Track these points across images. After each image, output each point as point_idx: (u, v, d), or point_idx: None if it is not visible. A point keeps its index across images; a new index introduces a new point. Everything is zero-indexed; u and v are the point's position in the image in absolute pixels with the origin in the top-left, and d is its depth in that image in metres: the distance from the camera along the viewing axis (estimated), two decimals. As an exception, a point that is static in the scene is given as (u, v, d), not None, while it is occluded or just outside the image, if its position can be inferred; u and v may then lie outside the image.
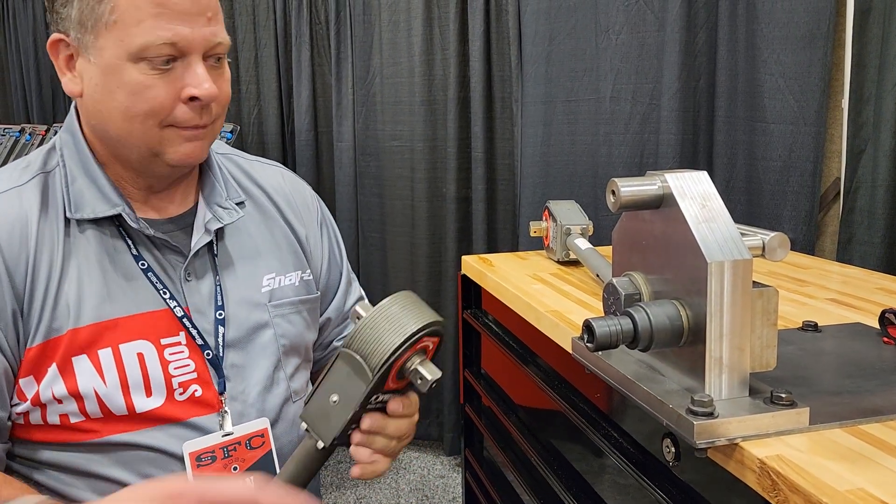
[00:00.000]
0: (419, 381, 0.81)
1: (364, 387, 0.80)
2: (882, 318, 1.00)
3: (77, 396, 0.91)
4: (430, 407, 2.78)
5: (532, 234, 1.56)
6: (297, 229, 1.12)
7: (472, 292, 1.58)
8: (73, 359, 0.91)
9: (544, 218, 1.54)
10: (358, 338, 0.80)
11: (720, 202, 0.78)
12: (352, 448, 0.86)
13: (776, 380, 0.80)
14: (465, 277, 1.58)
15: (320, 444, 0.84)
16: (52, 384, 0.91)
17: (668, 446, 0.82)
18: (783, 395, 0.73)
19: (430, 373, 0.81)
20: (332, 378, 0.83)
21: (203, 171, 1.05)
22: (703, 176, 0.80)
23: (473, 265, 1.54)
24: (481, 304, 1.55)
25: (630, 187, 0.80)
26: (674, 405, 0.74)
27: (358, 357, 0.80)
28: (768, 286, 0.76)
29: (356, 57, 2.78)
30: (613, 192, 0.81)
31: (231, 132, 2.85)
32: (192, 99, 0.90)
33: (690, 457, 0.76)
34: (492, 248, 2.57)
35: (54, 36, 0.93)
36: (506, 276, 1.41)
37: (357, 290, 1.25)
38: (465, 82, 2.53)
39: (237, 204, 1.05)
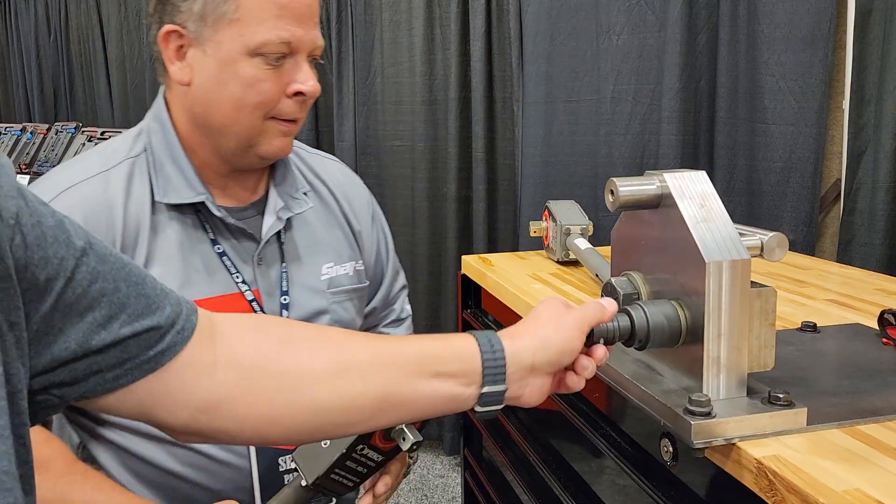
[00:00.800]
0: (402, 440, 0.91)
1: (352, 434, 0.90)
2: (881, 319, 1.00)
3: None
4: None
5: (532, 234, 1.56)
6: (352, 222, 1.19)
7: (471, 292, 1.58)
8: None
9: (544, 218, 1.54)
10: None
11: (719, 202, 0.78)
12: None
13: (774, 380, 0.79)
14: (464, 277, 1.58)
15: (304, 482, 0.93)
16: None
17: (665, 446, 0.82)
18: (781, 396, 0.73)
19: (412, 435, 0.91)
20: None
21: (275, 164, 1.11)
22: (702, 176, 0.80)
23: (473, 265, 1.54)
24: (481, 304, 1.55)
25: (629, 187, 0.80)
26: (671, 405, 0.74)
27: None
28: (766, 286, 0.76)
29: (357, 56, 2.78)
30: (612, 192, 0.81)
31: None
32: (297, 94, 0.99)
33: (688, 457, 0.76)
34: (492, 247, 2.57)
35: (168, 27, 0.98)
36: (505, 275, 1.41)
37: (402, 279, 1.34)
38: (466, 82, 2.53)
39: (304, 194, 1.12)
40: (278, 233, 1.07)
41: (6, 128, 3.95)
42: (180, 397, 0.62)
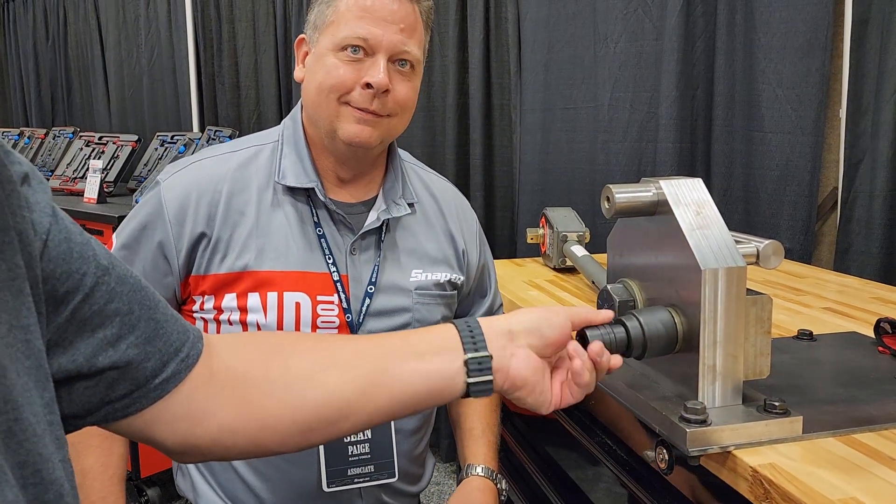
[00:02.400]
0: None
1: None
2: (877, 328, 1.00)
3: (244, 324, 1.10)
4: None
5: (529, 241, 1.56)
6: (457, 241, 1.27)
7: (468, 299, 1.57)
8: (249, 294, 1.10)
9: (541, 225, 1.54)
10: None
11: (714, 209, 0.78)
12: None
13: (770, 388, 0.79)
14: (461, 284, 1.57)
15: None
16: (230, 308, 1.10)
17: (661, 454, 0.81)
18: (776, 404, 0.73)
19: None
20: None
21: (388, 170, 1.23)
22: (698, 183, 0.80)
23: (470, 271, 1.53)
24: (477, 311, 1.54)
25: (625, 194, 0.80)
26: (667, 413, 0.74)
27: None
28: (762, 294, 0.75)
29: (356, 63, 2.79)
30: (608, 199, 0.81)
31: (230, 136, 2.85)
32: (368, 86, 1.08)
33: (683, 465, 0.76)
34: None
35: (302, 36, 1.17)
36: (502, 282, 1.41)
37: (500, 298, 1.39)
38: (464, 89, 2.53)
39: (409, 204, 1.21)
40: (380, 231, 1.17)
41: (4, 132, 3.95)
42: (179, 416, 0.65)
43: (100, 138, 3.41)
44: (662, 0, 2.00)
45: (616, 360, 0.77)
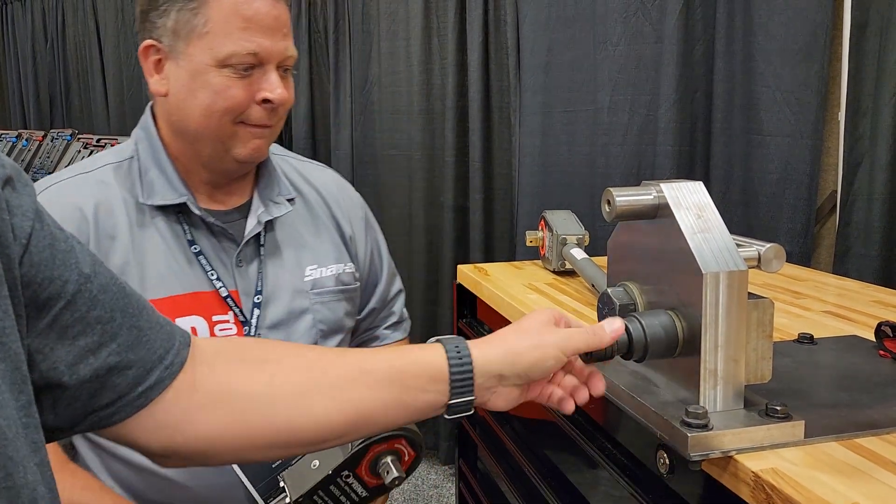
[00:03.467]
0: (386, 474, 0.97)
1: (342, 457, 0.95)
2: (878, 331, 1.00)
3: None
4: (425, 417, 2.77)
5: (528, 244, 1.56)
6: (343, 227, 1.23)
7: (467, 301, 1.57)
8: None
9: (540, 227, 1.54)
10: None
11: (716, 213, 0.78)
12: None
13: (771, 392, 0.79)
14: (460, 286, 1.57)
15: (287, 501, 0.97)
16: None
17: (661, 458, 0.81)
18: (778, 408, 0.73)
19: (396, 470, 0.97)
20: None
21: (259, 168, 1.16)
22: (699, 186, 0.80)
23: (469, 274, 1.53)
24: (476, 314, 1.54)
25: (625, 197, 0.80)
26: (668, 417, 0.74)
27: None
28: (764, 297, 0.75)
29: (355, 66, 2.79)
30: (609, 202, 0.80)
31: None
32: (265, 101, 1.03)
33: (684, 469, 0.76)
34: (489, 257, 2.57)
35: (146, 42, 1.05)
36: (501, 285, 1.40)
37: (399, 283, 1.39)
38: (463, 92, 2.53)
39: (288, 200, 1.16)
40: (258, 235, 1.11)
41: (2, 134, 3.94)
42: (161, 423, 0.65)
43: (98, 140, 3.41)
44: (662, 3, 2.00)
45: (599, 389, 0.78)
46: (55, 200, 1.03)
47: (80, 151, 3.40)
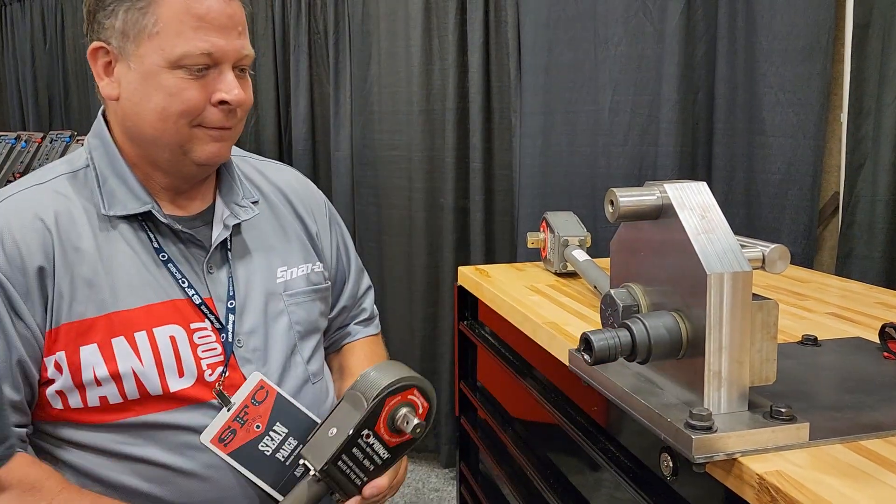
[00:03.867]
0: (406, 424, 0.98)
1: (359, 415, 0.97)
2: (882, 333, 0.99)
3: (116, 377, 0.98)
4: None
5: (530, 246, 1.55)
6: (308, 225, 1.21)
7: (468, 303, 1.56)
8: (113, 340, 0.98)
9: (542, 229, 1.54)
10: (360, 381, 1.00)
11: (720, 213, 0.77)
12: None
13: (775, 394, 0.78)
14: (461, 288, 1.57)
15: (313, 472, 0.97)
16: (93, 364, 0.97)
17: (665, 460, 0.80)
18: (783, 410, 0.72)
19: (417, 418, 0.99)
20: (333, 416, 1.01)
21: (220, 171, 1.14)
22: (703, 187, 0.79)
23: (470, 276, 1.53)
24: (478, 316, 1.54)
25: (629, 198, 0.79)
26: (672, 419, 0.73)
27: (358, 393, 0.99)
28: (768, 299, 0.75)
29: (354, 66, 2.78)
30: (612, 203, 0.80)
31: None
32: (222, 103, 0.99)
33: (688, 471, 0.75)
34: (490, 258, 2.56)
35: (95, 44, 1.01)
36: (502, 287, 1.40)
37: (367, 280, 1.37)
38: (463, 92, 2.53)
39: (252, 203, 1.14)
40: (225, 240, 1.09)
41: (1, 136, 3.94)
42: None
43: (98, 142, 3.40)
44: (663, 3, 1.99)
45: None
46: (14, 212, 0.99)
47: (79, 153, 3.40)
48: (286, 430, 1.07)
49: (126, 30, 0.97)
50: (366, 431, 0.97)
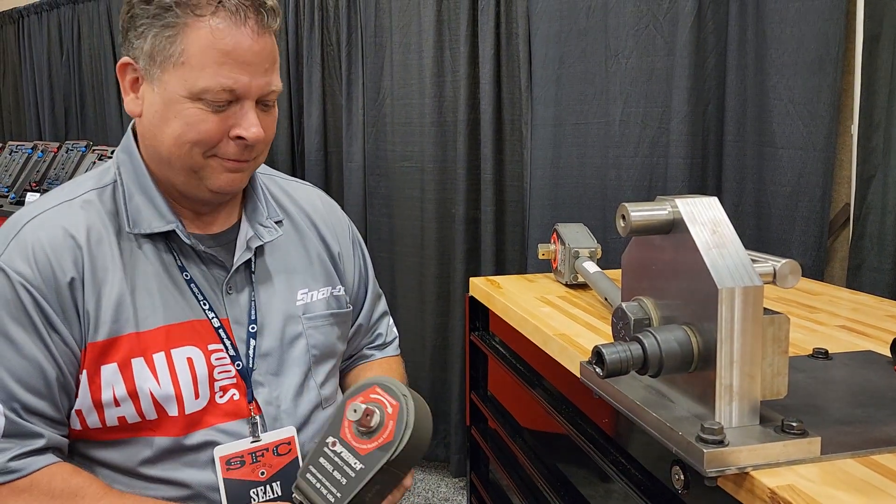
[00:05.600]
0: (369, 420, 0.89)
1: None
2: (893, 347, 0.99)
3: (134, 396, 0.98)
4: (436, 428, 2.76)
5: (540, 257, 1.56)
6: (331, 247, 1.21)
7: (479, 314, 1.57)
8: (133, 360, 0.99)
9: (552, 241, 1.54)
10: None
11: (731, 228, 0.78)
12: None
13: (786, 408, 0.79)
14: (472, 299, 1.58)
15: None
16: (112, 383, 0.98)
17: (677, 474, 0.81)
18: (794, 424, 0.73)
19: (380, 414, 0.90)
20: None
21: (247, 190, 1.13)
22: (714, 201, 0.80)
23: (481, 287, 1.54)
24: (489, 327, 1.55)
25: (640, 212, 0.80)
26: (683, 432, 0.74)
27: None
28: (779, 313, 0.75)
29: (367, 78, 2.80)
30: (624, 217, 0.81)
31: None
32: (239, 138, 0.98)
33: (700, 485, 0.75)
34: (500, 269, 2.57)
35: (124, 59, 1.01)
36: (513, 298, 1.41)
37: (384, 304, 1.37)
38: (474, 104, 2.54)
39: (276, 223, 1.13)
40: (248, 261, 1.08)
41: (18, 146, 3.98)
42: None
43: (112, 152, 3.43)
44: (674, 16, 2.00)
45: None
46: (46, 228, 0.99)
47: (94, 163, 3.43)
48: (279, 494, 1.06)
49: (153, 54, 0.97)
50: (330, 439, 0.91)
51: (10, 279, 0.96)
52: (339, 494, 0.88)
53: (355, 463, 0.88)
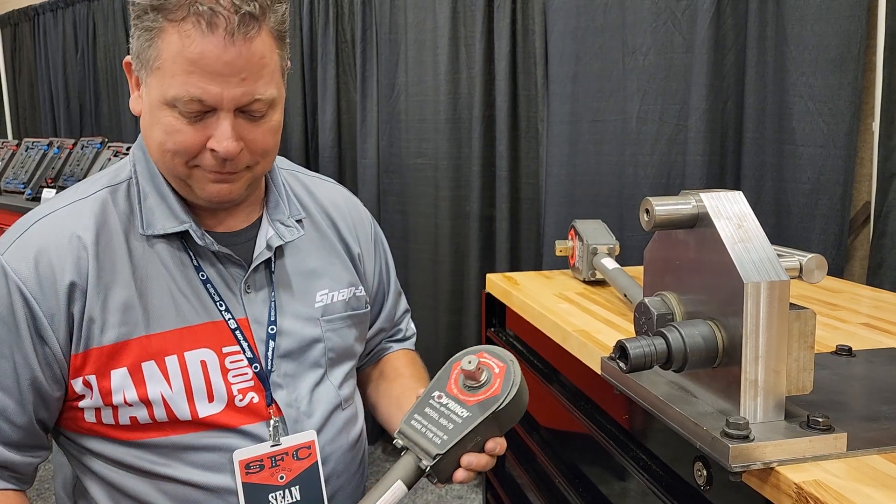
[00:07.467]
0: (480, 373, 0.92)
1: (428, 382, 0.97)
2: (918, 344, 0.98)
3: (146, 402, 0.97)
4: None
5: (558, 254, 1.55)
6: (351, 247, 1.19)
7: (495, 310, 1.57)
8: (143, 364, 0.97)
9: (570, 237, 1.54)
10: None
11: (756, 223, 0.78)
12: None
13: (811, 404, 0.78)
14: (489, 295, 1.57)
15: (424, 463, 0.91)
16: (123, 388, 0.96)
17: (699, 470, 0.80)
18: (820, 420, 0.72)
19: (487, 373, 0.94)
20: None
21: (268, 186, 1.11)
22: (739, 196, 0.79)
23: (499, 283, 1.53)
24: (505, 323, 1.54)
25: (665, 206, 0.79)
26: (708, 427, 0.73)
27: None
28: (806, 308, 0.75)
29: (381, 75, 2.80)
30: (647, 211, 0.80)
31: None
32: (214, 150, 0.94)
33: (723, 481, 0.75)
34: (515, 266, 2.56)
35: (126, 58, 1.00)
36: (532, 294, 1.40)
37: (405, 303, 1.36)
38: (490, 101, 2.54)
39: (297, 221, 1.11)
40: (268, 260, 1.06)
41: (33, 142, 4.00)
42: None
43: (127, 149, 3.45)
44: (692, 13, 1.99)
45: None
46: (53, 229, 0.98)
47: (110, 159, 3.44)
48: (298, 498, 1.05)
49: (140, 56, 0.95)
50: (436, 392, 0.94)
51: (7, 277, 0.95)
52: (444, 437, 0.91)
53: (462, 412, 0.92)
